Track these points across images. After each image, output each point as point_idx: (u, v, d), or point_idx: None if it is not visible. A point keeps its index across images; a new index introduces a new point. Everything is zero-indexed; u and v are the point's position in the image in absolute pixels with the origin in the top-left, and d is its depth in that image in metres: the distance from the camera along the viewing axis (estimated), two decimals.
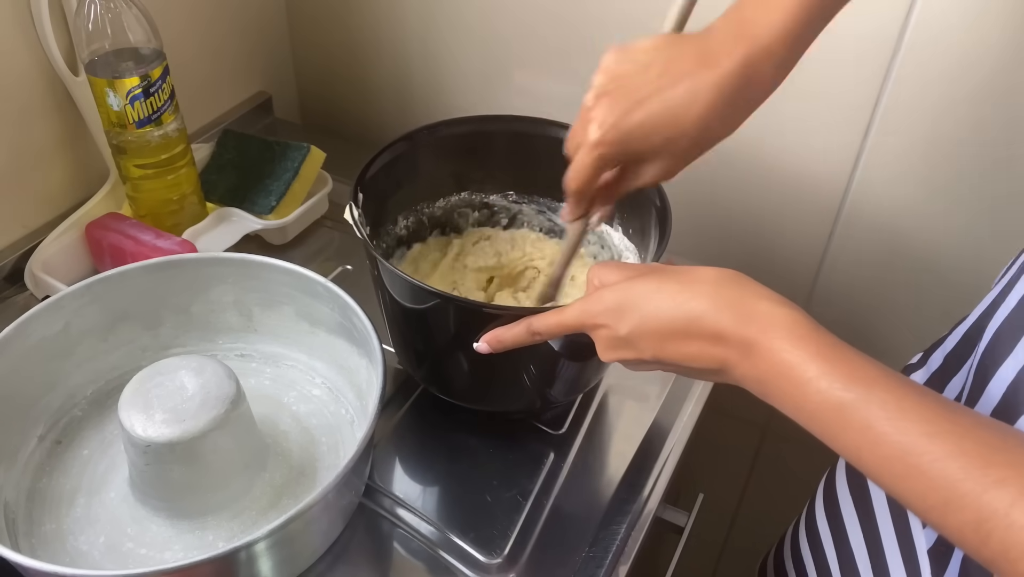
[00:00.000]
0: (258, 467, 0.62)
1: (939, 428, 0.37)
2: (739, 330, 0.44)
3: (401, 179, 0.71)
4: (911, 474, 0.38)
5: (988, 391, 0.48)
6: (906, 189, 0.84)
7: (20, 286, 0.78)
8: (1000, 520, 0.34)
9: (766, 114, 0.84)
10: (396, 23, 1.01)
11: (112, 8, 0.70)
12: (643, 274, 0.48)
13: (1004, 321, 0.48)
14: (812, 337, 0.42)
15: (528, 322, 0.53)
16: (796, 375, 0.42)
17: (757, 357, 0.43)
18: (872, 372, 0.40)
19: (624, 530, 0.63)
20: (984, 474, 0.35)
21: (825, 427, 0.41)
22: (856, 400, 0.39)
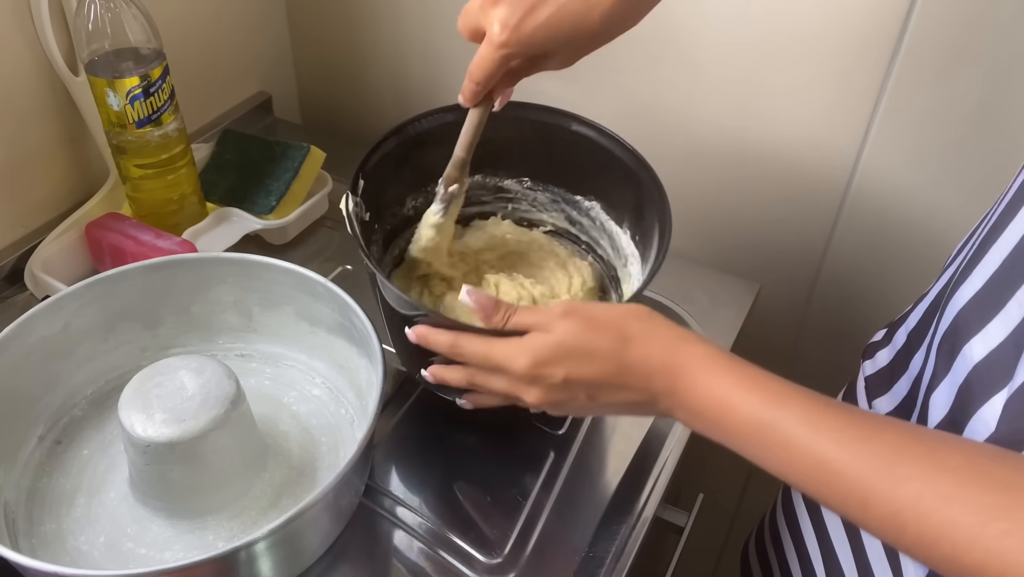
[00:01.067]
0: (258, 467, 0.62)
1: (849, 436, 0.42)
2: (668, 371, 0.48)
3: (409, 160, 0.70)
4: (830, 481, 0.42)
5: (954, 369, 0.49)
6: (911, 174, 0.83)
7: (20, 286, 0.78)
8: (910, 512, 0.38)
9: (771, 100, 0.84)
10: (396, 23, 1.01)
11: (112, 8, 0.70)
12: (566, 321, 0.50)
13: (971, 300, 0.49)
14: (732, 368, 0.47)
15: (455, 339, 0.53)
16: (722, 405, 0.46)
17: (685, 392, 0.47)
18: (786, 393, 0.45)
19: (624, 530, 0.63)
20: (892, 472, 0.40)
21: (753, 448, 0.45)
22: (774, 419, 0.44)
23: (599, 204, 0.74)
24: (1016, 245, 0.46)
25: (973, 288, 0.49)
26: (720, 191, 0.93)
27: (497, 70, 0.54)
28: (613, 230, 0.73)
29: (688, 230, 0.96)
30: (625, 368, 0.48)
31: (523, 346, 0.50)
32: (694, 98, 0.89)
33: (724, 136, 0.89)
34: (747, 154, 0.89)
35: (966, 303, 0.49)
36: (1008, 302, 0.45)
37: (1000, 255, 0.48)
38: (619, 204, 0.72)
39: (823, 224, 0.90)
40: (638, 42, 0.87)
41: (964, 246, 0.56)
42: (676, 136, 0.92)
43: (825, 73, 0.81)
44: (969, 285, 0.50)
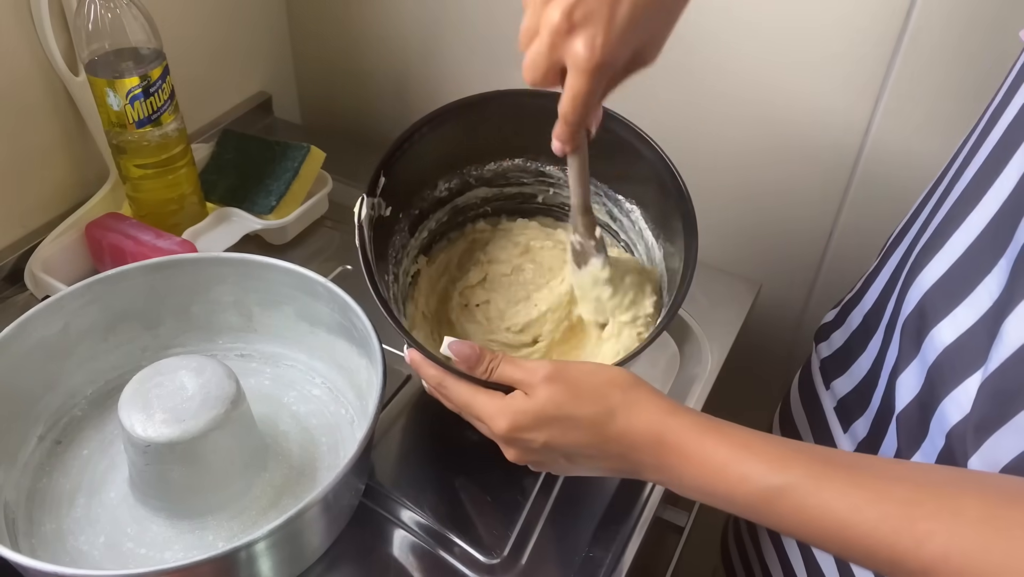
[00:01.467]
0: (258, 467, 0.62)
1: (856, 498, 0.41)
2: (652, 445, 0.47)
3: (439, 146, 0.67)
4: (850, 545, 0.42)
5: (923, 353, 0.49)
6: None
7: (20, 286, 0.78)
8: (941, 568, 0.39)
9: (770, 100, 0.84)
10: (396, 23, 1.01)
11: (112, 8, 0.70)
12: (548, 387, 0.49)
13: (935, 284, 0.49)
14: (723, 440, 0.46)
15: (442, 378, 0.53)
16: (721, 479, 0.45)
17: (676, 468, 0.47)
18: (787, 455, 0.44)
19: (624, 530, 0.63)
20: (913, 531, 0.39)
21: (761, 517, 0.45)
22: (779, 490, 0.43)
23: (639, 210, 0.71)
24: (981, 232, 0.47)
25: (937, 272, 0.49)
26: (720, 191, 0.93)
27: (594, 98, 0.49)
28: (650, 240, 0.71)
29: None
30: (606, 439, 0.48)
31: (503, 408, 0.50)
32: (693, 98, 0.89)
33: (724, 137, 0.89)
34: (747, 154, 0.89)
35: (931, 287, 0.50)
36: (977, 287, 0.46)
37: (964, 241, 0.48)
38: (656, 218, 0.70)
39: (823, 224, 0.90)
40: None
41: (909, 226, 0.56)
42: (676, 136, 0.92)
43: (826, 73, 0.81)
44: (933, 269, 0.50)
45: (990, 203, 0.47)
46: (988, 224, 0.46)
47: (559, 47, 0.47)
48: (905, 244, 0.56)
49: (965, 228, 0.48)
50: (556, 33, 0.46)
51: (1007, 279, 0.44)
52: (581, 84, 0.47)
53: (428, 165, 0.68)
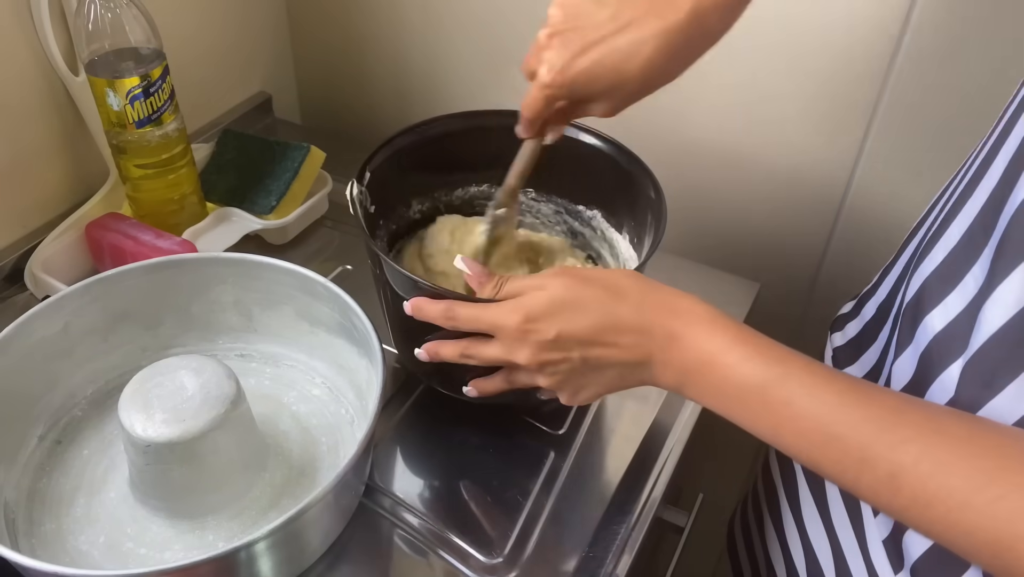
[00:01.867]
0: (258, 467, 0.62)
1: (850, 398, 0.43)
2: (664, 324, 0.48)
3: (418, 163, 0.70)
4: (828, 442, 0.42)
5: (916, 339, 0.50)
6: (910, 175, 0.83)
7: (20, 286, 0.78)
8: (909, 474, 0.39)
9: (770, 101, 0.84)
10: (396, 23, 1.01)
11: (112, 8, 0.70)
12: (559, 278, 0.51)
13: (932, 272, 0.50)
14: (731, 326, 0.47)
15: (449, 305, 0.54)
16: (719, 361, 0.46)
17: (681, 348, 0.48)
18: (787, 354, 0.46)
19: (624, 530, 0.63)
20: (892, 435, 0.41)
21: (746, 408, 0.46)
22: (776, 378, 0.44)
23: (600, 212, 0.74)
24: (972, 221, 0.47)
25: (935, 261, 0.50)
26: (720, 191, 0.93)
27: (543, 109, 0.56)
28: (613, 238, 0.73)
29: (688, 230, 0.97)
30: (617, 321, 0.49)
31: (515, 304, 0.51)
32: (693, 99, 0.89)
33: (724, 137, 0.90)
34: (747, 154, 0.89)
35: (928, 276, 0.51)
36: (966, 276, 0.47)
37: (960, 230, 0.49)
38: (618, 209, 0.72)
39: (823, 224, 0.90)
40: None
41: (927, 217, 0.57)
42: (675, 136, 0.92)
43: (824, 74, 0.81)
44: (932, 258, 0.51)
45: (981, 193, 0.47)
46: (978, 214, 0.47)
47: (538, 55, 0.55)
48: (918, 237, 0.57)
49: (960, 219, 0.49)
50: (538, 46, 0.55)
51: (988, 266, 0.44)
52: (533, 91, 0.56)
53: (403, 180, 0.71)
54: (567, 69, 0.53)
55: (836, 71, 0.81)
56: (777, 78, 0.83)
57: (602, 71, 0.53)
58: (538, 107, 0.56)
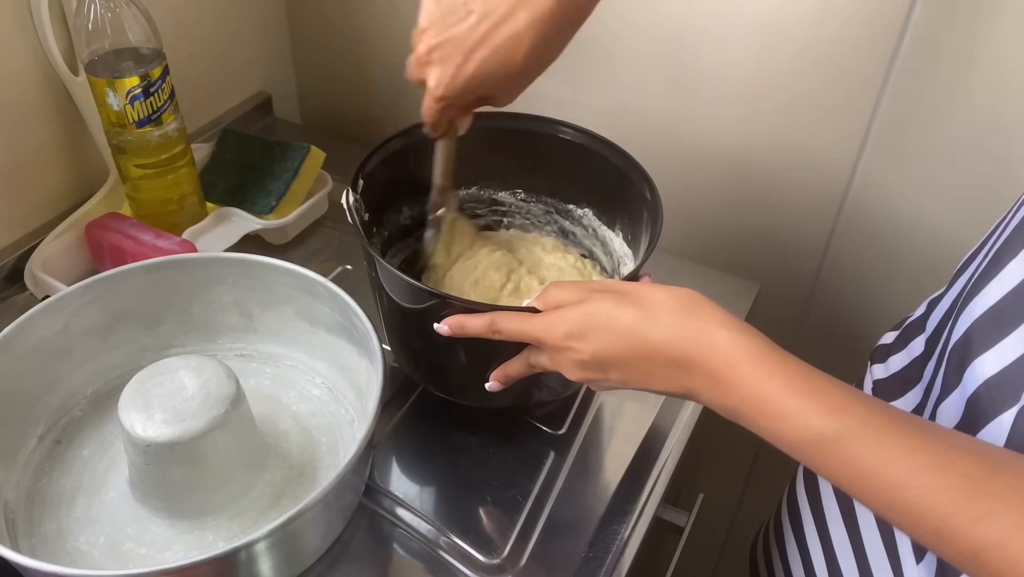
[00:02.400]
0: (258, 467, 0.62)
1: (919, 460, 0.38)
2: (703, 360, 0.45)
3: (408, 169, 0.70)
4: (900, 507, 0.39)
5: (964, 382, 0.48)
6: (910, 175, 0.83)
7: (20, 286, 0.78)
8: (995, 552, 0.35)
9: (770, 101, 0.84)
10: (396, 23, 1.01)
11: (112, 8, 0.70)
12: (600, 295, 0.50)
13: (985, 312, 0.48)
14: (780, 368, 0.43)
15: (492, 318, 0.54)
16: (772, 409, 0.43)
17: (725, 389, 0.44)
18: (846, 401, 0.41)
19: (624, 530, 0.63)
20: (973, 507, 0.36)
21: (808, 459, 0.42)
22: (834, 435, 0.40)
23: (591, 210, 0.74)
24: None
25: (988, 301, 0.48)
26: (720, 191, 0.93)
27: (442, 115, 0.59)
28: (606, 235, 0.74)
29: (688, 230, 0.97)
30: (650, 351, 0.47)
31: (556, 318, 0.51)
32: (693, 99, 0.89)
33: (723, 137, 0.90)
34: (747, 154, 0.90)
35: (980, 316, 0.48)
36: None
37: (1020, 271, 0.46)
38: (610, 207, 0.73)
39: (823, 224, 0.91)
40: (638, 46, 0.87)
41: (979, 252, 0.55)
42: (675, 136, 0.92)
43: (825, 75, 0.81)
44: (984, 298, 0.48)
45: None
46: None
47: (422, 68, 0.57)
48: (970, 271, 0.54)
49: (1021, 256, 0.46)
50: (417, 61, 0.57)
51: None
52: (427, 102, 0.58)
53: (393, 187, 0.71)
54: (455, 79, 0.55)
55: (836, 71, 0.81)
56: (777, 78, 0.83)
57: (488, 71, 0.54)
58: (436, 115, 0.58)
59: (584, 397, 0.73)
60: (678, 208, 0.96)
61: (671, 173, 0.93)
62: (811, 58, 0.81)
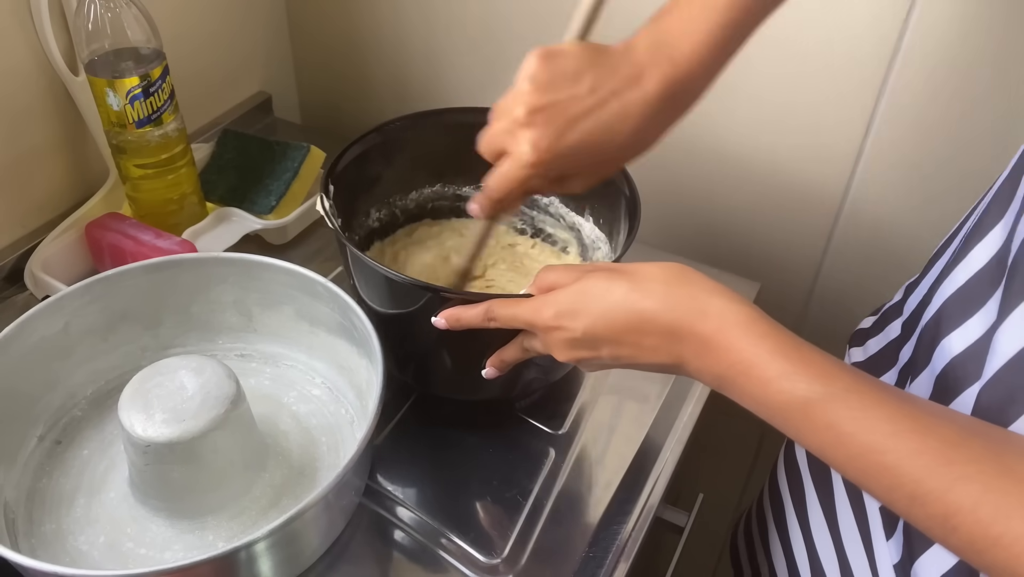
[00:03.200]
0: (258, 467, 0.62)
1: (901, 426, 0.39)
2: (695, 327, 0.45)
3: (373, 171, 0.71)
4: (876, 471, 0.39)
5: (933, 361, 0.49)
6: (910, 175, 0.83)
7: (20, 286, 0.78)
8: (966, 516, 0.36)
9: (771, 102, 0.84)
10: (396, 23, 1.01)
11: (112, 8, 0.70)
12: (592, 274, 0.50)
13: (953, 294, 0.49)
14: (770, 334, 0.44)
15: (487, 306, 0.54)
16: (757, 373, 0.43)
17: (715, 355, 0.45)
18: (832, 368, 0.42)
19: (624, 530, 0.63)
20: (948, 471, 0.37)
21: (789, 424, 0.42)
22: (819, 398, 0.41)
23: (557, 198, 0.75)
24: (1001, 247, 0.46)
25: (956, 283, 0.49)
26: (720, 191, 0.93)
27: (519, 189, 0.53)
28: (575, 221, 0.74)
29: (688, 230, 0.97)
30: (641, 321, 0.46)
31: (546, 299, 0.51)
32: None
33: (723, 137, 0.89)
34: (747, 154, 0.89)
35: (948, 297, 0.49)
36: (988, 300, 0.45)
37: (985, 252, 0.47)
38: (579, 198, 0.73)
39: (823, 224, 0.91)
40: None
41: (952, 238, 0.56)
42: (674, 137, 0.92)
43: (824, 75, 0.81)
44: (953, 280, 0.50)
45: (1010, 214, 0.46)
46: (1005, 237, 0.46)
47: (514, 135, 0.52)
48: (944, 256, 0.55)
49: (986, 241, 0.48)
50: (515, 123, 0.51)
51: (1002, 291, 0.44)
52: (510, 171, 0.52)
53: (361, 190, 0.71)
54: (556, 145, 0.51)
55: (836, 72, 0.81)
56: (777, 79, 0.83)
57: (593, 142, 0.51)
58: (515, 188, 0.53)
59: (584, 397, 0.73)
60: (678, 208, 0.96)
61: (670, 173, 0.93)
62: (811, 58, 0.81)
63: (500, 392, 0.69)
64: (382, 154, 0.71)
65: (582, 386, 0.74)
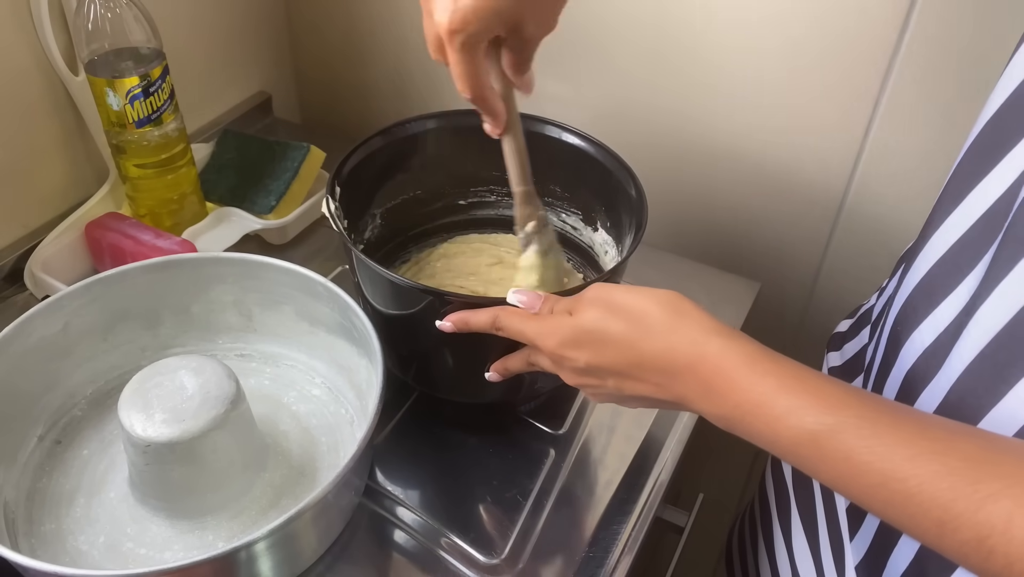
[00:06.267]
0: (258, 467, 0.62)
1: (920, 448, 0.37)
2: (696, 369, 0.44)
3: (382, 173, 0.71)
4: (899, 500, 0.37)
5: (901, 357, 0.48)
6: (910, 175, 0.83)
7: (20, 286, 0.78)
8: (1000, 536, 0.34)
9: (770, 102, 0.84)
10: (396, 23, 1.01)
11: (112, 8, 0.70)
12: (588, 307, 0.49)
13: (916, 288, 0.48)
14: (772, 371, 0.42)
15: (496, 315, 0.53)
16: (764, 412, 0.41)
17: (719, 397, 0.44)
18: (840, 396, 0.40)
19: (624, 530, 0.63)
20: (974, 491, 0.35)
21: (802, 460, 0.41)
22: (829, 430, 0.39)
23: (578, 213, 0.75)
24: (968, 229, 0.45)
25: (918, 276, 0.49)
26: (720, 191, 0.93)
27: (472, 66, 0.50)
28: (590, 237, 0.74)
29: (688, 230, 0.97)
30: (642, 360, 0.46)
31: (550, 327, 0.50)
32: (692, 100, 0.89)
33: (723, 137, 0.89)
34: (747, 154, 0.89)
35: (912, 291, 0.49)
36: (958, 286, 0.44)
37: (944, 243, 0.47)
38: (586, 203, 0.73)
39: (823, 223, 0.90)
40: (637, 46, 0.87)
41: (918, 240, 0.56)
42: (675, 137, 0.92)
43: (824, 75, 0.81)
44: (914, 274, 0.49)
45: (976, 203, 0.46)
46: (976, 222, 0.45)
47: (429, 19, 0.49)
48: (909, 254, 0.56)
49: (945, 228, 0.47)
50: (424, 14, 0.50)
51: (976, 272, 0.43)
52: (450, 56, 0.49)
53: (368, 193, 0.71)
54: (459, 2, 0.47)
55: (836, 71, 0.81)
56: (777, 78, 0.83)
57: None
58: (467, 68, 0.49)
59: (584, 397, 0.73)
60: (678, 208, 0.96)
61: (668, 172, 0.93)
62: (811, 57, 0.81)
63: (504, 396, 0.69)
64: (388, 156, 0.70)
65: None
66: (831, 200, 0.89)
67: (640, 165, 0.68)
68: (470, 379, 0.65)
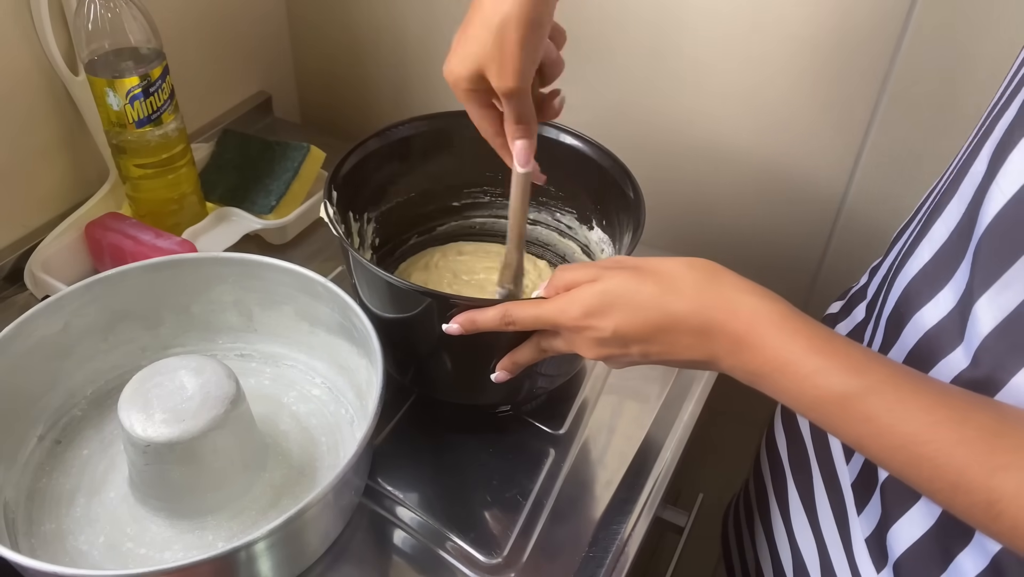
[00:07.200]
0: (258, 467, 0.62)
1: (940, 415, 0.39)
2: (727, 326, 0.45)
3: (376, 176, 0.71)
4: (917, 462, 0.39)
5: (903, 338, 0.49)
6: (906, 191, 0.84)
7: (20, 286, 0.78)
8: (1010, 502, 0.36)
9: (770, 103, 0.84)
10: (396, 23, 1.01)
11: (112, 8, 0.70)
12: (615, 272, 0.49)
13: (919, 272, 0.49)
14: (803, 330, 0.44)
15: (505, 309, 0.53)
16: (792, 370, 0.43)
17: (749, 353, 0.45)
18: (867, 361, 0.42)
19: (624, 530, 0.63)
20: (989, 459, 0.37)
21: (826, 419, 0.43)
22: (855, 392, 0.41)
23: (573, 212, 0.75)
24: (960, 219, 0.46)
25: (921, 261, 0.49)
26: (720, 191, 0.93)
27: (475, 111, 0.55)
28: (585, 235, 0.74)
29: (688, 230, 0.97)
30: (673, 321, 0.46)
31: (570, 298, 0.50)
32: (692, 100, 0.89)
33: (724, 137, 0.89)
34: (747, 154, 0.89)
35: (914, 275, 0.50)
36: (956, 272, 0.46)
37: (947, 228, 0.48)
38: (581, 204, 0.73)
39: (823, 223, 0.91)
40: (635, 48, 0.87)
41: (913, 219, 0.57)
42: (675, 138, 0.92)
43: (824, 74, 0.81)
44: (917, 258, 0.50)
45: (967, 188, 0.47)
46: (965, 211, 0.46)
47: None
48: (904, 237, 0.57)
49: (946, 215, 0.48)
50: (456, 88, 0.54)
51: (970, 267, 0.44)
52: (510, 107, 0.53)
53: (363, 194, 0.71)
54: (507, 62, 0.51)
55: (836, 71, 0.81)
56: (777, 78, 0.83)
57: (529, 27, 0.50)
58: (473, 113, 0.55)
59: (584, 397, 0.73)
60: (678, 208, 0.96)
61: (668, 172, 0.93)
62: (810, 57, 0.81)
63: (503, 398, 0.68)
64: (384, 158, 0.70)
65: (582, 386, 0.74)
66: (831, 199, 0.89)
67: (639, 165, 0.68)
68: (469, 382, 0.66)
